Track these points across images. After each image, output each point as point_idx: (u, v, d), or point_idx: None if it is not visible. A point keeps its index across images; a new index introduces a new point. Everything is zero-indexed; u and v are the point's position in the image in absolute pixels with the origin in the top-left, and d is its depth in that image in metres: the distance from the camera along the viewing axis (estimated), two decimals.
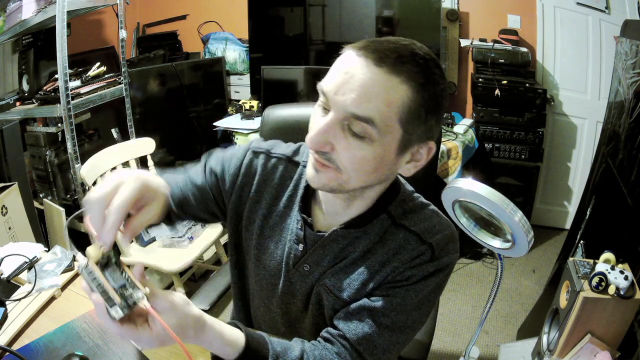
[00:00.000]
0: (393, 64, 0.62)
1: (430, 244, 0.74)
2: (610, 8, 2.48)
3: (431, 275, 0.74)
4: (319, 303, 0.81)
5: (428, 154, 0.72)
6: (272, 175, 0.84)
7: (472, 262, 2.63)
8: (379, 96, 0.62)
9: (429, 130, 0.68)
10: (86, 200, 0.61)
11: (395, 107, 0.63)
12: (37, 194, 2.28)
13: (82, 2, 2.03)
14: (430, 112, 0.66)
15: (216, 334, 0.66)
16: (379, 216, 0.77)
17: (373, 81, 0.61)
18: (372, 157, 0.65)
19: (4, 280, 1.04)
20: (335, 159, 0.66)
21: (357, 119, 0.62)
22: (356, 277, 0.76)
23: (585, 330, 1.25)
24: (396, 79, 0.62)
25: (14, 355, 0.82)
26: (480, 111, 2.66)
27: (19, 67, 2.12)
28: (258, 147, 0.88)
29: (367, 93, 0.61)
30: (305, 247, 0.80)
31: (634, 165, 1.44)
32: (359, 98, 0.61)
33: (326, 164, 0.67)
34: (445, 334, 2.08)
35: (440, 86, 0.66)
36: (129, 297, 0.57)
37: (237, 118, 2.69)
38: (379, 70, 0.61)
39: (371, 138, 0.64)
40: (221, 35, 3.20)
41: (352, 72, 0.62)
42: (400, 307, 0.74)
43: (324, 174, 0.69)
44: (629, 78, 1.62)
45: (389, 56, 0.62)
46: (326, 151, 0.66)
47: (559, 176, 2.87)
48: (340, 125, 0.64)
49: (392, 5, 2.72)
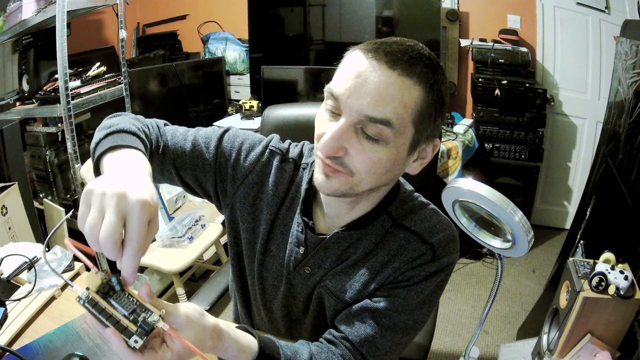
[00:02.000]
0: (406, 66, 0.62)
1: (431, 244, 0.74)
2: (610, 8, 2.48)
3: (432, 276, 0.74)
4: (320, 305, 0.81)
5: (433, 151, 0.73)
6: (282, 179, 0.83)
7: (472, 262, 2.63)
8: (395, 98, 0.62)
9: (436, 129, 0.70)
10: (88, 232, 0.52)
11: (410, 109, 0.63)
12: (37, 194, 2.28)
13: (82, 2, 2.03)
14: (438, 111, 0.67)
15: (232, 341, 0.65)
16: (379, 217, 0.77)
17: (387, 84, 0.62)
18: (387, 159, 0.66)
19: (4, 280, 1.04)
20: (348, 163, 0.66)
21: (373, 122, 0.62)
22: (358, 279, 0.76)
23: (585, 330, 1.25)
24: (409, 80, 0.62)
25: (14, 355, 0.82)
26: (480, 111, 2.66)
27: (19, 67, 2.12)
28: (276, 146, 0.85)
29: (383, 96, 0.61)
30: (306, 249, 0.79)
31: (634, 165, 1.44)
32: (375, 102, 0.61)
33: (338, 168, 0.67)
34: (445, 334, 2.08)
35: (445, 85, 0.67)
36: (143, 323, 0.52)
37: (237, 118, 2.69)
38: (392, 72, 0.62)
39: (386, 140, 0.64)
40: (221, 35, 3.20)
41: (365, 76, 0.62)
42: (402, 307, 0.74)
43: (335, 179, 0.68)
44: (629, 78, 1.62)
45: (400, 58, 0.62)
46: (339, 156, 0.66)
47: (559, 176, 2.87)
48: (354, 129, 0.64)
49: (392, 5, 2.72)
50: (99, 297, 0.53)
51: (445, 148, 2.33)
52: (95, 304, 0.53)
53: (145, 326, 0.52)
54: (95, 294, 0.53)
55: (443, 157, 2.33)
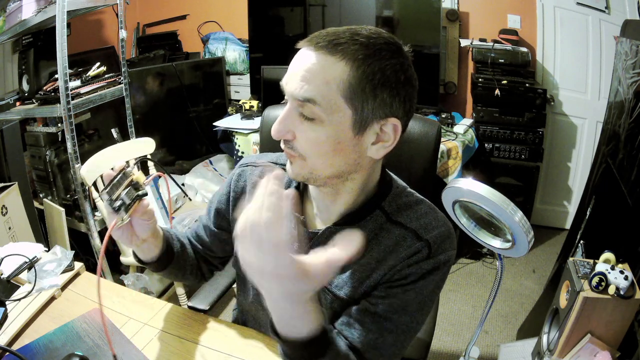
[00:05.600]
0: (329, 46, 0.66)
1: (426, 240, 0.74)
2: (610, 8, 2.48)
3: (429, 274, 0.74)
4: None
5: (395, 133, 0.71)
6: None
7: (472, 262, 2.63)
8: (317, 76, 0.66)
9: (384, 106, 0.68)
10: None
11: (335, 85, 0.66)
12: (37, 194, 2.28)
13: (82, 2, 2.03)
14: (379, 86, 0.66)
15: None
16: (372, 213, 0.77)
17: (311, 64, 0.66)
18: (325, 137, 0.68)
19: (4, 280, 1.04)
20: (297, 146, 0.70)
21: (304, 102, 0.67)
22: (352, 275, 0.76)
23: (585, 330, 1.25)
24: (332, 58, 0.66)
25: (14, 355, 0.82)
26: (480, 111, 2.66)
27: (19, 67, 2.12)
28: (243, 162, 0.93)
29: (307, 76, 0.66)
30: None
31: (634, 165, 1.44)
32: (300, 82, 0.66)
33: (292, 153, 0.71)
34: (445, 334, 2.08)
35: (390, 61, 0.67)
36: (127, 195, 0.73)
37: (237, 118, 2.69)
38: (317, 53, 0.66)
39: (320, 118, 0.67)
40: (221, 35, 3.20)
41: (296, 61, 0.68)
42: (401, 309, 0.73)
43: (295, 164, 0.72)
44: (629, 78, 1.62)
45: (326, 39, 0.66)
46: (289, 139, 0.70)
47: (559, 176, 2.87)
48: (297, 113, 0.69)
49: (392, 5, 2.72)
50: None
51: (445, 148, 2.33)
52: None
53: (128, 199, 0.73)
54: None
55: (443, 157, 2.33)
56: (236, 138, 2.53)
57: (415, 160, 1.13)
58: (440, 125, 1.55)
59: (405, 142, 1.10)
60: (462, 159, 2.38)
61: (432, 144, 1.13)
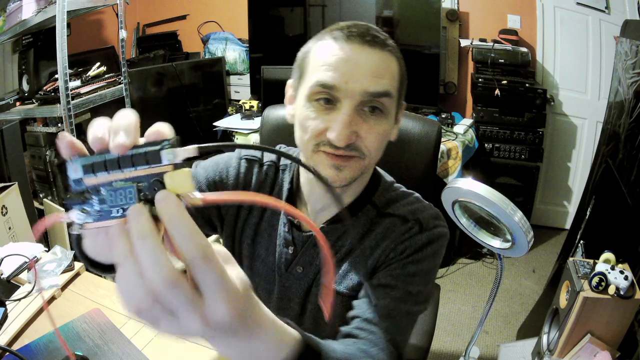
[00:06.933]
0: (379, 42, 0.68)
1: (417, 219, 0.76)
2: (610, 8, 2.48)
3: (425, 246, 0.74)
4: (317, 303, 0.81)
5: (402, 113, 0.78)
6: (264, 183, 0.85)
7: (472, 262, 2.63)
8: (386, 71, 0.68)
9: (405, 94, 0.76)
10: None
11: (396, 77, 0.71)
12: (37, 194, 2.28)
13: (82, 2, 2.03)
14: (405, 77, 0.74)
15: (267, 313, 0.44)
16: (363, 208, 0.78)
17: (377, 60, 0.67)
18: (389, 128, 0.72)
19: (4, 280, 1.04)
20: (360, 145, 0.68)
21: (377, 97, 0.67)
22: (350, 268, 0.77)
23: (585, 330, 1.25)
24: (388, 53, 0.69)
25: (14, 355, 0.82)
26: (480, 111, 2.66)
27: (19, 67, 2.12)
28: (250, 154, 0.87)
29: (378, 71, 0.67)
30: (295, 249, 0.80)
31: (634, 165, 1.44)
32: (374, 78, 0.66)
33: (353, 154, 0.68)
34: (445, 334, 2.08)
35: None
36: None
37: (237, 118, 2.69)
38: (375, 50, 0.68)
39: (388, 111, 0.70)
40: (221, 35, 3.20)
41: (354, 59, 0.66)
42: (403, 277, 0.72)
43: (348, 168, 0.69)
44: (629, 78, 1.62)
45: (374, 36, 0.68)
46: (352, 141, 0.67)
47: (559, 176, 2.87)
48: (357, 111, 0.67)
49: (392, 5, 2.72)
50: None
51: (445, 148, 2.33)
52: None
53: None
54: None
55: (443, 157, 2.33)
56: (236, 138, 2.53)
57: (415, 160, 1.13)
58: (441, 125, 1.55)
59: (405, 142, 1.10)
60: (462, 159, 2.38)
61: (432, 144, 1.13)
